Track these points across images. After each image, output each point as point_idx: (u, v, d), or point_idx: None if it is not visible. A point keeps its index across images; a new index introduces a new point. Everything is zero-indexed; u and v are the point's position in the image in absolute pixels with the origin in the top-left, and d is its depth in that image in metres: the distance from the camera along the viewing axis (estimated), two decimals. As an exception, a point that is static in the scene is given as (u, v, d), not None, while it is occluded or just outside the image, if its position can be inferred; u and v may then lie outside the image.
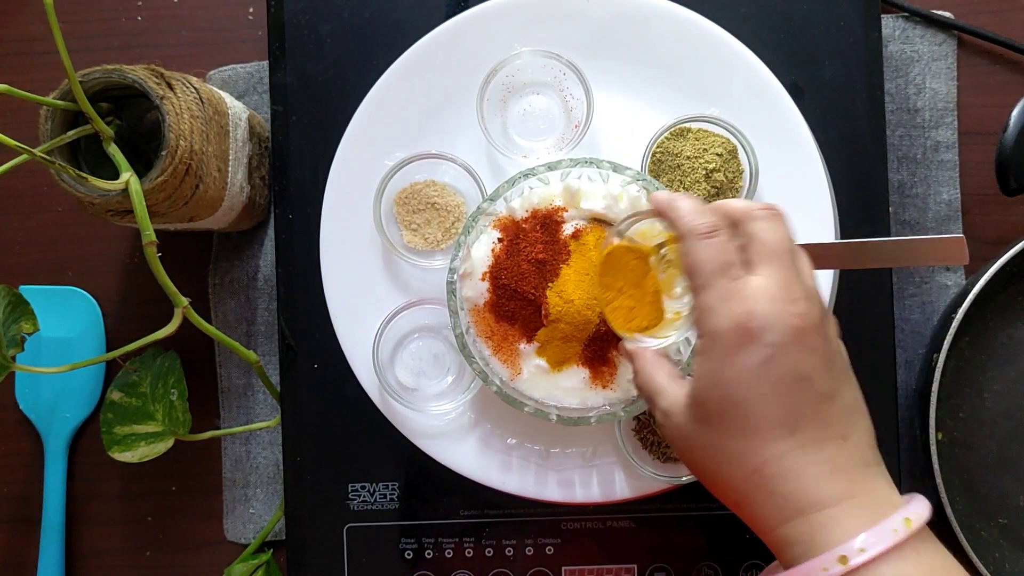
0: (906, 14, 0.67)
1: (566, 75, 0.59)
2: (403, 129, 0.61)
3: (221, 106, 0.60)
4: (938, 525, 0.61)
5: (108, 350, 0.69)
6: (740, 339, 0.43)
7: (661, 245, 0.51)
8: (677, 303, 0.50)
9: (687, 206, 0.46)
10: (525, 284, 0.54)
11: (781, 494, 0.43)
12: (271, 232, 0.68)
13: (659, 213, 0.48)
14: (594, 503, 0.60)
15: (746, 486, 0.44)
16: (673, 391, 0.47)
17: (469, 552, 0.63)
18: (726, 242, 0.45)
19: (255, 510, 0.68)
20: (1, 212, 0.70)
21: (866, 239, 0.53)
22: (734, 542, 0.62)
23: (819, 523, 0.42)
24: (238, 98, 0.67)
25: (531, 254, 0.54)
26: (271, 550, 0.67)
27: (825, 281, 0.58)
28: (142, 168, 0.55)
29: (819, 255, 0.53)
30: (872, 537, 0.41)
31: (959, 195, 0.67)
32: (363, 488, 0.63)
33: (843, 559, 0.40)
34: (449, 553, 0.63)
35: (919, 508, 0.42)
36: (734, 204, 0.47)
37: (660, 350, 0.50)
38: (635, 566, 0.62)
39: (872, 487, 0.43)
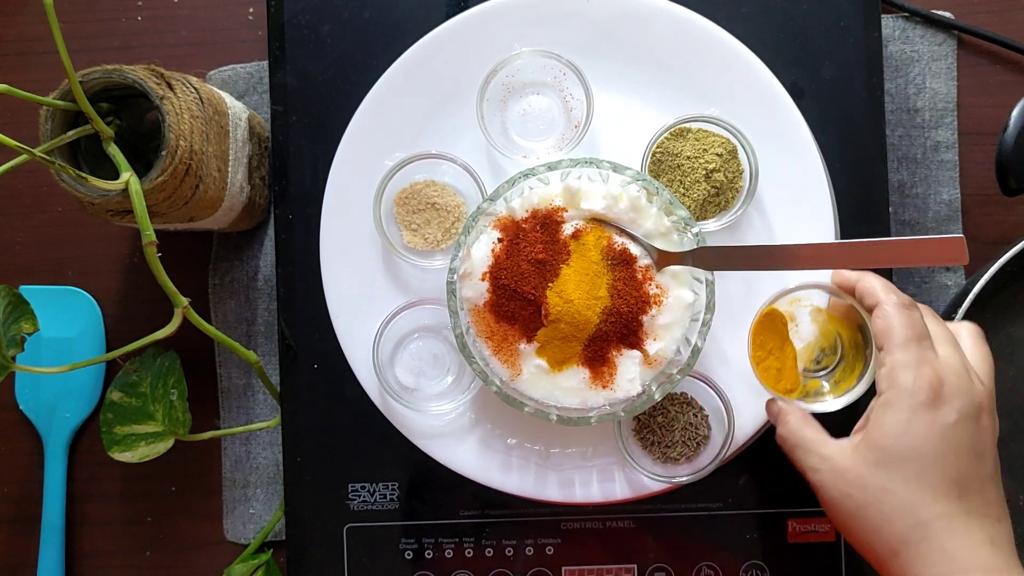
0: (906, 14, 0.67)
1: (566, 75, 0.59)
2: (403, 129, 0.61)
3: (221, 106, 0.60)
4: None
5: (108, 350, 0.69)
6: (932, 399, 0.47)
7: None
8: (813, 373, 0.57)
9: (883, 281, 0.52)
10: (525, 284, 0.54)
11: (947, 551, 0.45)
12: (271, 232, 0.68)
13: (843, 288, 0.53)
14: (594, 503, 0.60)
15: (911, 536, 0.46)
16: (833, 440, 0.51)
17: (469, 552, 0.63)
18: (921, 318, 0.50)
19: (255, 510, 0.68)
20: (1, 212, 0.70)
21: (866, 239, 0.53)
22: (734, 542, 0.62)
23: None
24: (238, 98, 0.67)
25: (531, 254, 0.54)
26: (271, 550, 0.67)
27: (825, 282, 0.58)
28: (142, 168, 0.55)
29: (818, 255, 0.53)
30: None
31: (959, 195, 0.67)
32: (363, 488, 0.63)
33: None
34: (449, 553, 0.63)
35: None
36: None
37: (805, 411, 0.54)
38: (635, 566, 0.62)
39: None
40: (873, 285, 0.52)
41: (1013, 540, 0.48)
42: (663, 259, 0.54)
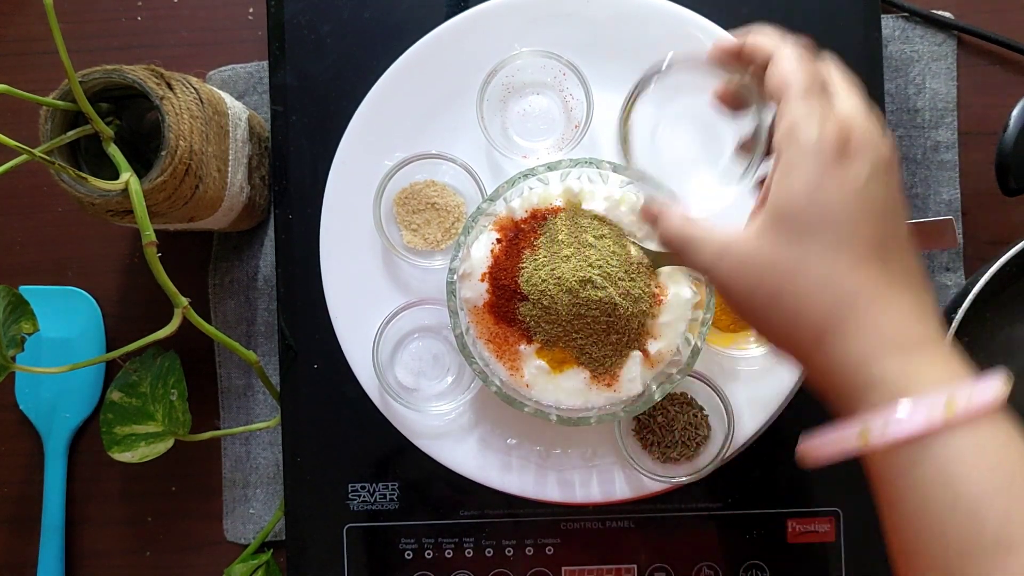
0: (906, 14, 0.67)
1: (566, 75, 0.59)
2: (403, 129, 0.61)
3: (221, 106, 0.60)
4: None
5: (108, 350, 0.69)
6: (840, 153, 0.41)
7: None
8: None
9: (774, 32, 0.45)
10: (525, 284, 0.54)
11: (876, 325, 0.40)
12: (271, 232, 0.68)
13: (727, 57, 0.47)
14: (594, 503, 0.60)
15: (837, 312, 0.40)
16: (723, 231, 0.43)
17: (469, 552, 0.63)
18: (814, 62, 0.44)
19: (255, 510, 0.68)
20: (1, 212, 0.70)
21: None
22: (734, 542, 0.62)
23: (925, 360, 0.40)
24: (238, 98, 0.67)
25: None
26: (271, 550, 0.67)
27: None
28: (142, 168, 0.55)
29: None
30: (976, 384, 0.38)
31: (959, 195, 0.67)
32: (363, 488, 0.63)
33: (951, 404, 0.37)
34: (449, 553, 0.63)
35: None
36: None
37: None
38: (635, 566, 0.62)
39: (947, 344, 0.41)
40: (763, 39, 0.45)
41: (938, 311, 0.42)
42: (655, 260, 0.54)
